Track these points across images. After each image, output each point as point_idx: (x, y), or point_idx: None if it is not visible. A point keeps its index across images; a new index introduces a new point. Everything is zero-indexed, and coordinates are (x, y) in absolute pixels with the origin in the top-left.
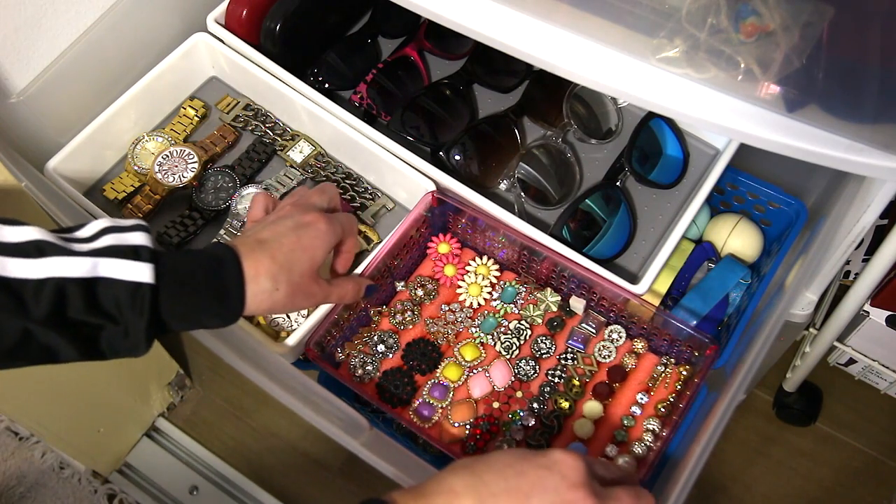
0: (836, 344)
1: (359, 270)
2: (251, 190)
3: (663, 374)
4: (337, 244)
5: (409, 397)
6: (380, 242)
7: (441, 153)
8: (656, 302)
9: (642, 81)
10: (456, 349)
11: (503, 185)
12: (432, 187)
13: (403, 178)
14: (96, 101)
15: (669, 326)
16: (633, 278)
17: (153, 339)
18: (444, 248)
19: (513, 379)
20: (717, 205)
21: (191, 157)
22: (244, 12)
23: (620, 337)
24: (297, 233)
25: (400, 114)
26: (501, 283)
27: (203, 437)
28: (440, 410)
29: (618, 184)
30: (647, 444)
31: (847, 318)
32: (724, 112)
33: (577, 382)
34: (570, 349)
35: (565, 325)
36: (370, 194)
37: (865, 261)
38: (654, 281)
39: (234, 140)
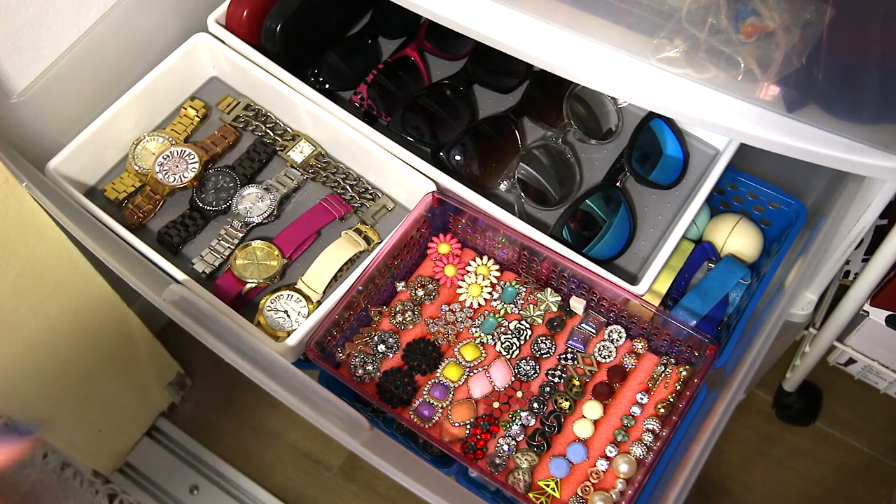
0: (836, 344)
1: (359, 271)
2: (252, 190)
3: (663, 374)
4: None
5: (410, 397)
6: (380, 243)
7: (441, 154)
8: (656, 302)
9: (642, 81)
10: (456, 349)
11: (503, 186)
12: (432, 188)
13: (404, 178)
14: (97, 101)
15: (669, 326)
16: (633, 278)
17: None
18: (444, 248)
19: (513, 379)
20: (717, 205)
21: (191, 157)
22: (245, 13)
23: (620, 337)
24: None
25: (400, 114)
26: (501, 283)
27: (203, 436)
28: (440, 410)
29: (618, 184)
30: (647, 444)
31: (847, 318)
32: (724, 112)
33: (577, 382)
34: (570, 349)
35: (565, 325)
36: (370, 194)
37: (865, 261)
38: (654, 281)
39: (235, 140)
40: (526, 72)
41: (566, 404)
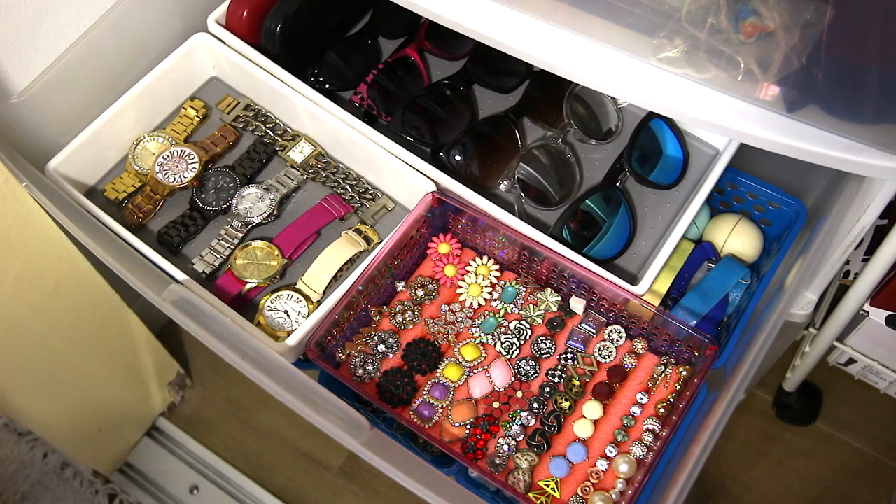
0: (836, 344)
1: (359, 271)
2: (252, 190)
3: (663, 374)
4: None
5: (410, 397)
6: (380, 243)
7: (441, 154)
8: (656, 302)
9: (642, 81)
10: (456, 349)
11: (503, 186)
12: (432, 188)
13: (404, 178)
14: (97, 101)
15: (669, 326)
16: (633, 278)
17: None
18: (444, 248)
19: (513, 379)
20: (717, 205)
21: (191, 157)
22: (245, 13)
23: (620, 337)
24: None
25: (400, 114)
26: (501, 283)
27: (203, 436)
28: (440, 410)
29: (618, 184)
30: (647, 444)
31: (847, 317)
32: (724, 112)
33: (577, 382)
34: (570, 349)
35: (565, 325)
36: (370, 194)
37: (865, 261)
38: (654, 281)
39: (235, 140)
40: (526, 72)
41: (566, 404)
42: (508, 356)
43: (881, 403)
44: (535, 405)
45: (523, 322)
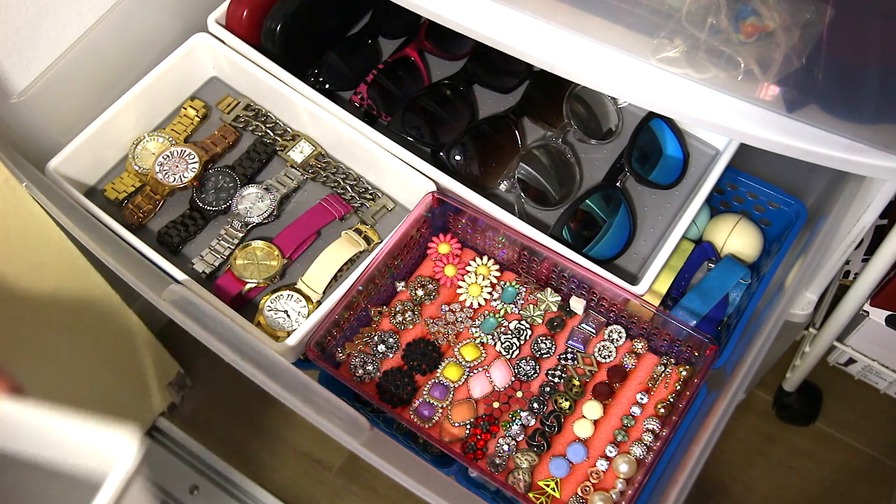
0: (836, 344)
1: (359, 270)
2: (252, 190)
3: (663, 374)
4: None
5: (410, 397)
6: (380, 243)
7: (441, 154)
8: (656, 302)
9: (642, 81)
10: (456, 349)
11: (503, 186)
12: (432, 188)
13: (404, 178)
14: (97, 101)
15: (669, 326)
16: (633, 278)
17: None
18: (444, 248)
19: (513, 379)
20: (717, 205)
21: (191, 157)
22: (245, 13)
23: (620, 337)
24: None
25: (400, 114)
26: (501, 283)
27: (203, 436)
28: (440, 410)
29: (618, 184)
30: (647, 444)
31: (847, 318)
32: (724, 112)
33: (577, 382)
34: (570, 349)
35: (565, 325)
36: (370, 194)
37: (865, 261)
38: (654, 281)
39: (235, 140)
40: (526, 72)
41: (566, 404)
42: (508, 356)
43: (881, 403)
44: (535, 405)
45: (523, 322)
